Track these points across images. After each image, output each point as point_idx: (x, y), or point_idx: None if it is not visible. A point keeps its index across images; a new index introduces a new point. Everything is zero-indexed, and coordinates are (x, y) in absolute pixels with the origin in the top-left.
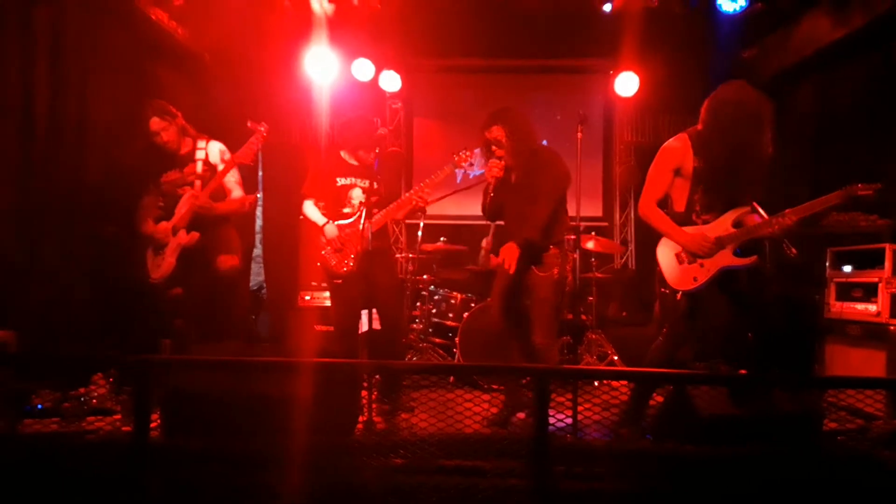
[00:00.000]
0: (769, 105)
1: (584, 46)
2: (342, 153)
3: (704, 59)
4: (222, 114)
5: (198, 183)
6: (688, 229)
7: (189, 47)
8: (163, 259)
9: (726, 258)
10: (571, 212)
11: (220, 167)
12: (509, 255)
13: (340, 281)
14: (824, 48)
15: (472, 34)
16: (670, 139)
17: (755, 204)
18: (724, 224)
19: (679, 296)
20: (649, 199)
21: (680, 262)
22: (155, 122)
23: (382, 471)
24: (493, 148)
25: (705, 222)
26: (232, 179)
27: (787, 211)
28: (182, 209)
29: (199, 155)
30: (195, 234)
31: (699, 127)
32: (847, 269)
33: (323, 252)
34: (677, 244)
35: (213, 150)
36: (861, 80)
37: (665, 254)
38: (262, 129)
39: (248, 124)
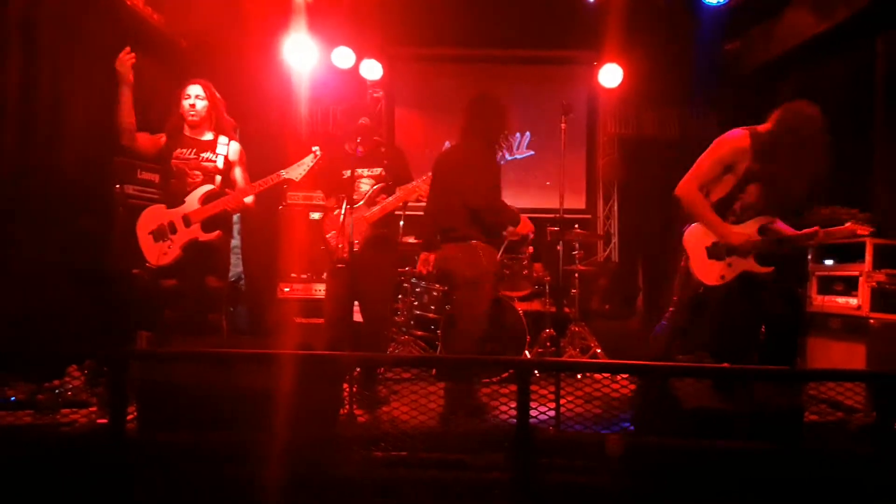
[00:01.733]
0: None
1: (567, 37)
2: (346, 147)
3: (688, 51)
4: None
5: (218, 178)
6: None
7: (165, 34)
8: (169, 247)
9: (749, 263)
10: (555, 203)
11: (237, 169)
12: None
13: (343, 266)
14: (807, 41)
15: (454, 23)
16: (733, 132)
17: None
18: (750, 229)
19: (702, 289)
20: (693, 184)
21: (710, 256)
22: (192, 87)
23: (363, 463)
24: None
25: (734, 223)
26: (241, 180)
27: (817, 229)
28: (196, 203)
29: (221, 150)
30: (219, 233)
31: (766, 129)
32: (829, 262)
33: (328, 236)
34: (717, 235)
35: (234, 149)
36: (844, 73)
37: (695, 244)
38: (318, 152)
39: (313, 148)
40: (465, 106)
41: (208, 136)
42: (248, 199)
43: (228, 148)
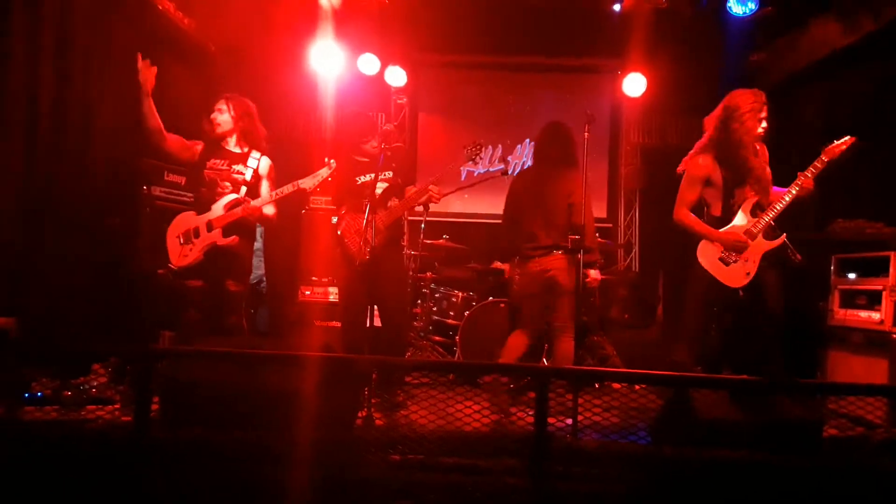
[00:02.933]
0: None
1: (592, 46)
2: (356, 157)
3: (713, 61)
4: None
5: (244, 189)
6: (721, 231)
7: (195, 38)
8: (191, 250)
9: (763, 245)
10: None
11: (265, 182)
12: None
13: (358, 267)
14: (833, 53)
15: (479, 30)
16: (695, 157)
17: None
18: (744, 218)
19: (741, 293)
20: (682, 209)
21: (726, 263)
22: (220, 102)
23: (381, 466)
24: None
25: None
26: (265, 193)
27: (798, 175)
28: (221, 210)
29: (252, 164)
30: (235, 238)
31: (709, 138)
32: (851, 276)
33: (345, 240)
34: (718, 244)
35: (265, 164)
36: (869, 86)
37: (709, 260)
38: (333, 164)
39: (326, 159)
40: (548, 130)
41: (240, 150)
42: (270, 211)
43: (259, 162)
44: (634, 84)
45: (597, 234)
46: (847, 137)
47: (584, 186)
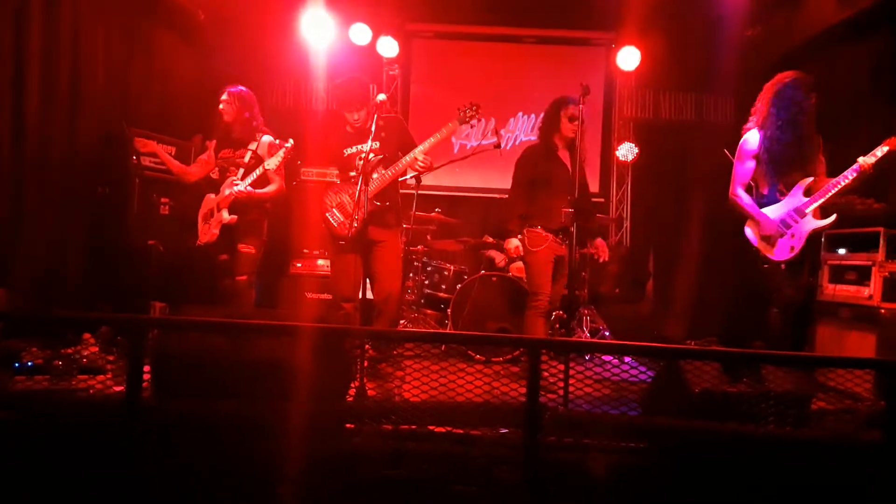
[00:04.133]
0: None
1: (586, 18)
2: (347, 127)
3: (708, 36)
4: (220, 82)
5: (241, 171)
6: (770, 208)
7: (184, 6)
8: (209, 228)
9: (811, 224)
10: None
11: (267, 159)
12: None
13: (344, 242)
14: (829, 28)
15: (473, 0)
16: (745, 133)
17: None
18: (796, 195)
19: (783, 266)
20: (734, 187)
21: (772, 238)
22: (225, 93)
23: (374, 436)
24: (574, 124)
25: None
26: (273, 170)
27: (857, 159)
28: (225, 191)
29: (251, 146)
30: (234, 218)
31: (761, 115)
32: (841, 251)
33: (328, 214)
34: (762, 225)
35: (264, 144)
36: (867, 61)
37: (754, 234)
38: (289, 144)
39: (277, 141)
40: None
41: (242, 137)
42: (273, 188)
43: (258, 143)
44: (629, 58)
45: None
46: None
47: (580, 159)
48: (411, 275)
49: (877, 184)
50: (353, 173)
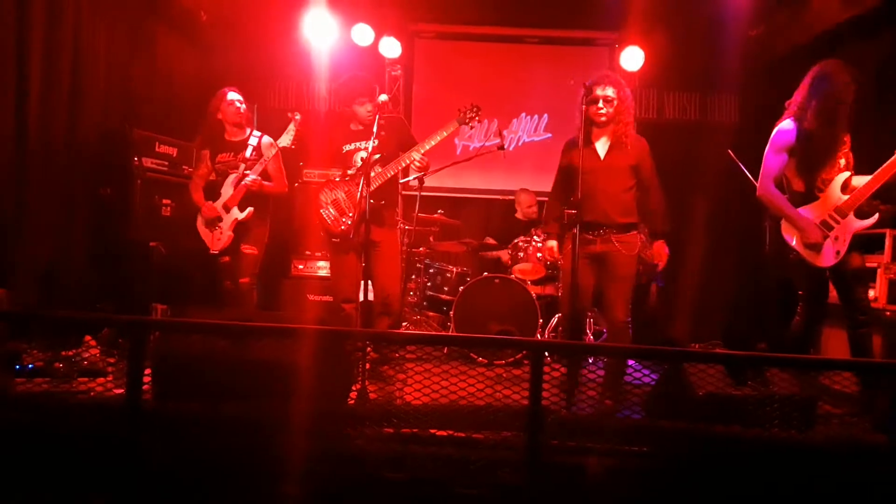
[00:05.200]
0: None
1: (590, 18)
2: (352, 125)
3: (711, 36)
4: (222, 82)
5: (243, 166)
6: (807, 208)
7: (187, 6)
8: (221, 233)
9: (854, 223)
10: None
11: (267, 157)
12: (663, 254)
13: (338, 240)
14: (834, 28)
15: (475, 1)
16: (781, 123)
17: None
18: (834, 194)
19: (828, 273)
20: (767, 182)
21: (815, 241)
22: (232, 94)
23: (375, 439)
24: (596, 106)
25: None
26: (275, 168)
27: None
28: (229, 190)
29: (252, 142)
30: (251, 211)
31: (797, 104)
32: None
33: (321, 211)
34: (800, 230)
35: (266, 143)
36: (872, 60)
37: (797, 237)
38: (298, 117)
39: (288, 114)
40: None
41: (239, 137)
42: (277, 182)
43: (260, 141)
44: (632, 58)
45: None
46: None
47: (580, 159)
48: (414, 276)
49: (885, 185)
50: (350, 171)
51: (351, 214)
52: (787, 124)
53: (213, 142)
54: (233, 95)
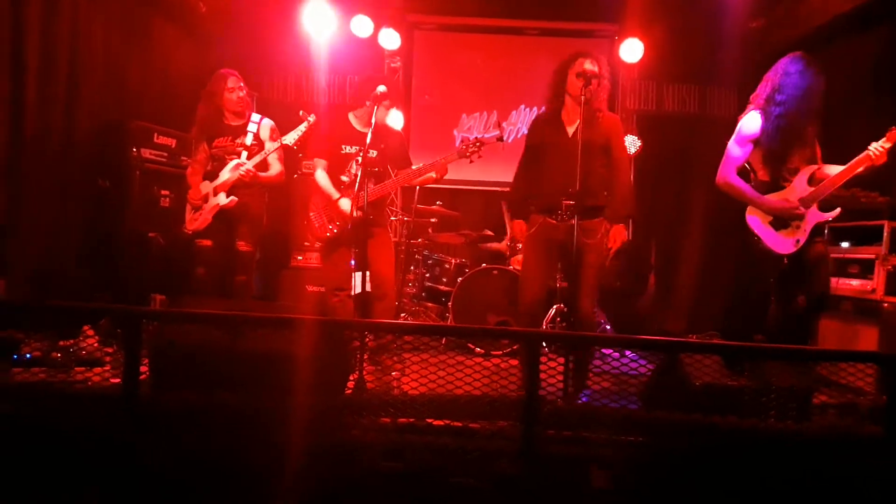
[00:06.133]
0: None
1: (589, 10)
2: (351, 118)
3: (711, 28)
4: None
5: (245, 153)
6: (771, 196)
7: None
8: (200, 214)
9: (816, 215)
10: None
11: (268, 143)
12: (618, 238)
13: (321, 245)
14: (834, 20)
15: None
16: (746, 114)
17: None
18: (799, 186)
19: (786, 260)
20: (727, 170)
21: (777, 228)
22: (233, 80)
23: (372, 429)
24: (572, 79)
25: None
26: (274, 155)
27: (869, 147)
28: (226, 175)
29: (251, 128)
30: (235, 200)
31: (763, 96)
32: (844, 245)
33: (311, 214)
34: (769, 213)
35: (265, 126)
36: (871, 53)
37: (759, 223)
38: (311, 118)
39: (300, 113)
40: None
41: (238, 122)
42: (275, 171)
43: (259, 126)
44: (632, 50)
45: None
46: None
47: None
48: (412, 267)
49: (881, 177)
50: (344, 178)
51: (338, 223)
52: (752, 115)
53: (210, 127)
54: (233, 81)
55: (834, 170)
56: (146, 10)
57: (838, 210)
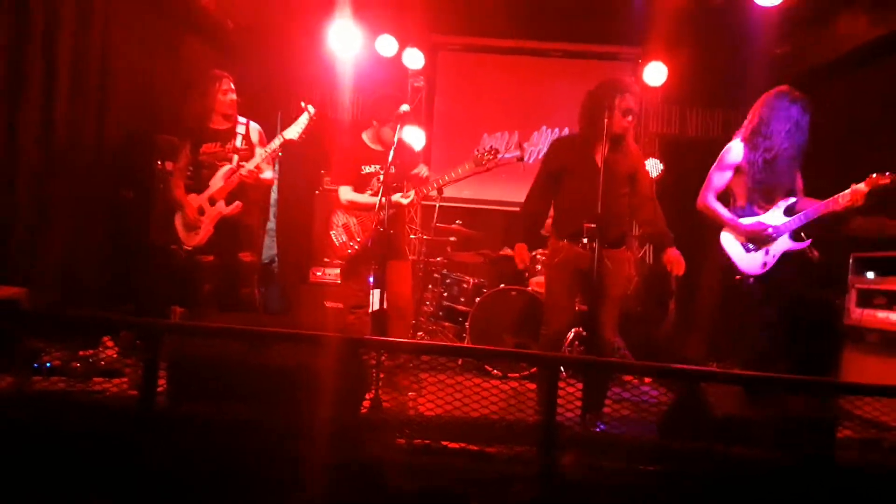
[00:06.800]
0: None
1: (613, 33)
2: (364, 138)
3: (736, 53)
4: (248, 90)
5: (236, 157)
6: (746, 221)
7: (213, 14)
8: (199, 228)
9: (787, 244)
10: None
11: (258, 148)
12: (681, 262)
13: (343, 263)
14: (860, 47)
15: (498, 14)
16: (733, 141)
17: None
18: (775, 215)
19: (752, 280)
20: (706, 195)
21: (747, 250)
22: (227, 82)
23: (388, 448)
24: (619, 115)
25: (766, 212)
26: (266, 162)
27: (853, 186)
28: (220, 182)
29: (240, 130)
30: (239, 204)
31: (749, 127)
32: (870, 275)
33: (332, 233)
34: (741, 235)
35: (254, 130)
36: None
37: (732, 244)
38: (311, 109)
39: (302, 104)
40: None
41: (229, 125)
42: (268, 175)
43: (248, 128)
44: (655, 73)
45: None
46: (888, 173)
47: (601, 176)
48: (430, 286)
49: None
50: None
51: (359, 240)
52: (736, 144)
53: (197, 130)
54: (227, 83)
55: (810, 204)
56: (175, 25)
57: (808, 241)
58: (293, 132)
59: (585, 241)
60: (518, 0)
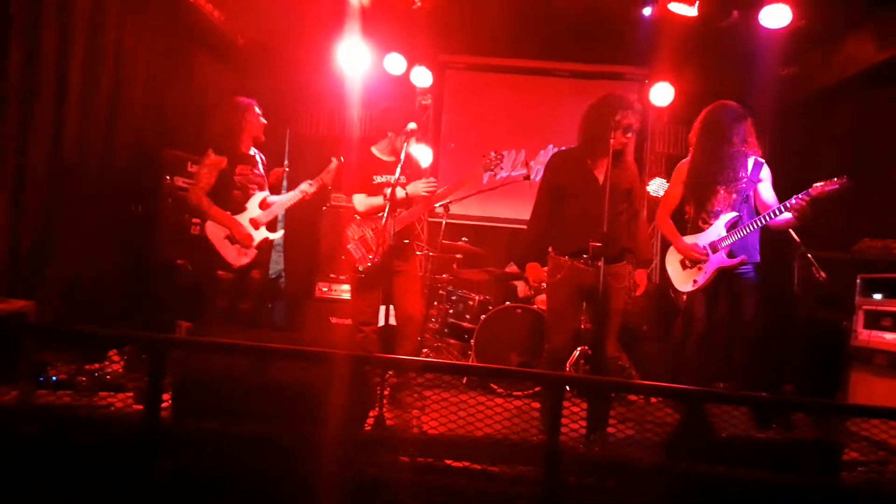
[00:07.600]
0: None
1: (619, 53)
2: (374, 151)
3: (743, 74)
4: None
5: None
6: (688, 237)
7: (224, 31)
8: (249, 249)
9: (721, 260)
10: None
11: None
12: (643, 282)
13: (362, 275)
14: (868, 69)
15: (506, 34)
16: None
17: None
18: (717, 229)
19: (684, 297)
20: (662, 213)
21: (684, 267)
22: (258, 108)
23: (391, 466)
24: (623, 134)
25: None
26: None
27: (795, 197)
28: (256, 210)
29: (260, 157)
30: (283, 232)
31: (693, 141)
32: (877, 296)
33: (349, 246)
34: (679, 251)
35: (261, 158)
36: None
37: (672, 260)
38: (338, 160)
39: (333, 159)
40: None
41: (252, 151)
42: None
43: (259, 157)
44: (662, 93)
45: None
46: (836, 179)
47: (607, 193)
48: (436, 303)
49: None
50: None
51: (378, 251)
52: (683, 161)
53: (231, 151)
54: (258, 108)
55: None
56: (185, 41)
57: (741, 258)
58: (327, 178)
59: (587, 258)
60: (525, 21)
